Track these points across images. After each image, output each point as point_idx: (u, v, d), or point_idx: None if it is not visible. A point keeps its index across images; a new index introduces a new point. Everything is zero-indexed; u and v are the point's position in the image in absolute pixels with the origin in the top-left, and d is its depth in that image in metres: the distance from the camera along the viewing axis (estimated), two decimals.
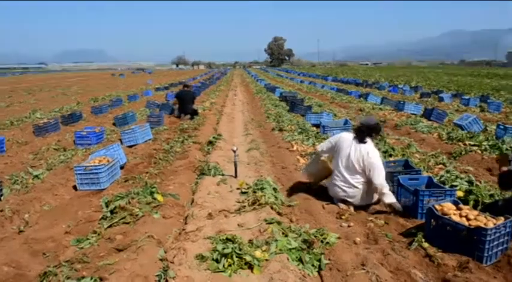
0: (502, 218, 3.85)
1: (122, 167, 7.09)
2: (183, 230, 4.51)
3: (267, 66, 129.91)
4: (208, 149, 8.67)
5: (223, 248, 3.82)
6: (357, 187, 5.11)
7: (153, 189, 5.43)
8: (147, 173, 6.71)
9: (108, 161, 6.33)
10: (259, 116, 14.33)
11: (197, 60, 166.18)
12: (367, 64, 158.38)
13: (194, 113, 13.22)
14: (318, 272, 3.70)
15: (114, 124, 11.96)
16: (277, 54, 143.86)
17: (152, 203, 5.08)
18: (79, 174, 5.99)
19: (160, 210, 4.95)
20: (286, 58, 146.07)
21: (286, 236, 4.22)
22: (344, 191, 5.19)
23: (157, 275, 3.48)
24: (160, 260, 3.78)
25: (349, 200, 5.21)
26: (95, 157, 6.61)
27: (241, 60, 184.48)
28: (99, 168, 5.96)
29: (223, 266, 3.60)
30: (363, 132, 5.11)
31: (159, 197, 5.24)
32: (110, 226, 4.60)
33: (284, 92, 20.62)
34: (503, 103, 16.79)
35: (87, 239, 4.35)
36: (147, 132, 9.60)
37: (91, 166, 6.01)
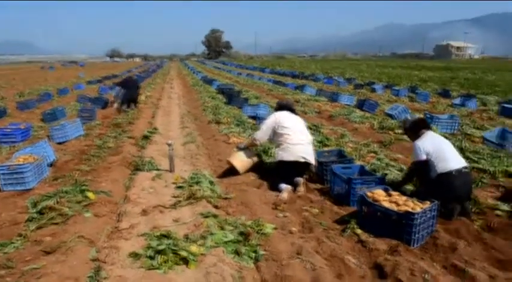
0: (428, 202, 4.05)
1: (50, 165, 6.72)
2: (116, 228, 4.35)
3: (204, 58, 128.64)
4: (143, 143, 8.44)
5: (158, 245, 3.74)
6: (311, 144, 5.90)
7: (84, 187, 5.20)
8: (78, 170, 6.40)
9: (34, 159, 5.97)
10: (196, 109, 14.16)
11: (132, 53, 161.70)
12: (303, 56, 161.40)
13: (137, 101, 13.90)
14: (255, 263, 3.69)
15: (42, 120, 11.31)
16: (215, 47, 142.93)
17: (83, 202, 4.86)
18: (2, 174, 5.60)
19: (91, 208, 4.74)
20: (224, 50, 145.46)
21: (223, 229, 4.20)
22: (304, 151, 5.65)
23: (88, 277, 3.33)
24: (92, 260, 3.62)
25: (307, 157, 5.62)
26: (20, 155, 6.21)
27: (178, 52, 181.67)
28: (24, 167, 5.60)
29: (158, 262, 3.51)
30: (291, 109, 6.20)
31: (90, 195, 5.02)
32: (37, 228, 4.32)
33: (221, 85, 20.55)
34: (430, 93, 17.74)
35: (12, 242, 4.06)
36: (78, 127, 9.17)
37: (15, 165, 5.65)
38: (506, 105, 12.83)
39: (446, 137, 5.88)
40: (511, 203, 4.60)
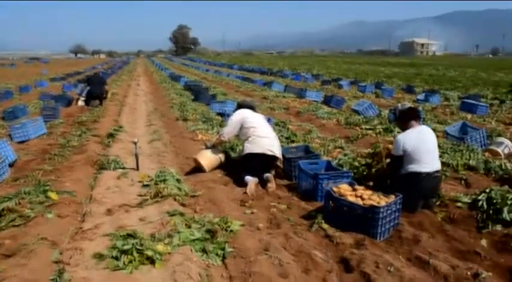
0: (393, 196, 4.13)
1: (11, 165, 6.50)
2: (80, 228, 4.25)
3: (171, 55, 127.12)
4: (109, 142, 8.27)
5: (123, 245, 3.66)
6: (276, 140, 6.03)
7: (47, 187, 5.04)
8: (40, 170, 6.21)
9: None
10: (162, 106, 14.02)
11: (97, 49, 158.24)
12: (272, 53, 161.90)
13: (103, 97, 13.70)
14: (222, 260, 3.67)
15: (2, 118, 10.93)
16: (182, 43, 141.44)
17: (45, 202, 4.71)
18: None
19: (54, 209, 4.59)
20: (192, 47, 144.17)
21: (190, 227, 4.16)
22: (271, 144, 5.76)
23: (51, 279, 3.22)
24: (55, 262, 3.50)
25: (274, 150, 5.74)
26: None
27: (145, 49, 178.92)
28: None
29: (123, 263, 3.44)
30: (252, 108, 6.32)
31: (53, 196, 4.87)
32: None
33: (189, 81, 20.44)
34: (395, 89, 18.14)
35: None
36: (40, 126, 8.90)
37: None
38: (466, 100, 13.27)
39: None
40: (472, 195, 4.72)
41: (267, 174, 5.58)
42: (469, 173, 5.91)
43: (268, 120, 8.28)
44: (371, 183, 5.12)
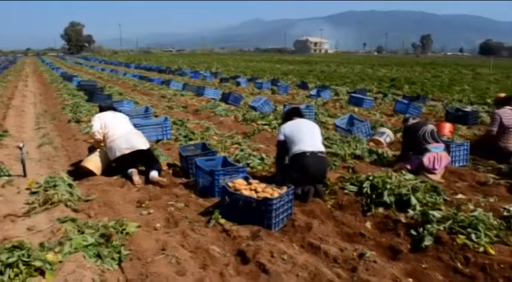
0: (285, 188, 4.30)
1: None
2: None
3: (64, 53, 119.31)
4: None
5: (8, 258, 3.36)
6: (132, 133, 6.08)
7: None
8: None
9: None
10: (54, 107, 13.21)
11: None
12: (171, 51, 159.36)
13: None
14: (119, 264, 3.56)
15: None
16: (76, 41, 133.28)
17: None
18: None
19: None
20: (86, 45, 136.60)
21: (83, 233, 3.95)
22: (127, 142, 5.83)
23: None
24: None
25: (135, 146, 5.82)
26: None
27: (34, 47, 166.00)
28: None
29: (9, 277, 3.18)
30: (110, 108, 6.55)
31: None
32: None
33: (82, 81, 19.53)
34: (290, 86, 18.89)
35: None
36: None
37: None
38: (354, 94, 14.27)
39: None
40: (357, 180, 5.07)
41: (130, 170, 5.80)
42: (356, 161, 6.36)
43: (165, 119, 8.18)
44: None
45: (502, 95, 7.70)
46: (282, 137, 5.05)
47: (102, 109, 6.49)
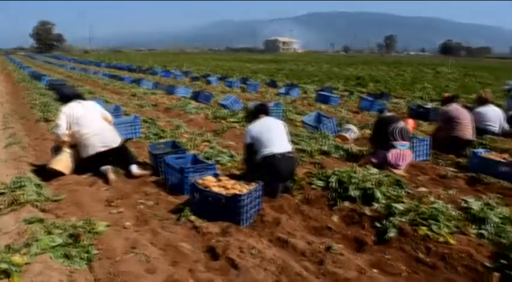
0: (254, 184, 4.38)
1: None
2: None
3: (34, 52, 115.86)
4: None
5: None
6: (106, 130, 5.95)
7: None
8: None
9: None
10: (22, 107, 12.97)
11: None
12: (142, 50, 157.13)
13: None
14: (88, 264, 3.55)
15: None
16: (46, 40, 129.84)
17: None
18: None
19: None
20: (56, 44, 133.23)
21: (50, 233, 3.92)
22: (100, 140, 5.75)
23: None
24: None
25: (107, 144, 5.77)
26: None
27: (2, 46, 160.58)
28: None
29: None
30: (79, 97, 6.34)
31: None
32: None
33: (52, 80, 19.18)
34: (260, 84, 19.05)
35: None
36: None
37: None
38: (321, 92, 14.56)
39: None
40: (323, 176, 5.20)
41: (103, 168, 5.67)
42: (323, 157, 6.50)
43: (134, 118, 8.14)
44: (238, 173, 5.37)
45: (447, 94, 8.23)
46: (249, 140, 5.04)
47: (68, 98, 6.23)
